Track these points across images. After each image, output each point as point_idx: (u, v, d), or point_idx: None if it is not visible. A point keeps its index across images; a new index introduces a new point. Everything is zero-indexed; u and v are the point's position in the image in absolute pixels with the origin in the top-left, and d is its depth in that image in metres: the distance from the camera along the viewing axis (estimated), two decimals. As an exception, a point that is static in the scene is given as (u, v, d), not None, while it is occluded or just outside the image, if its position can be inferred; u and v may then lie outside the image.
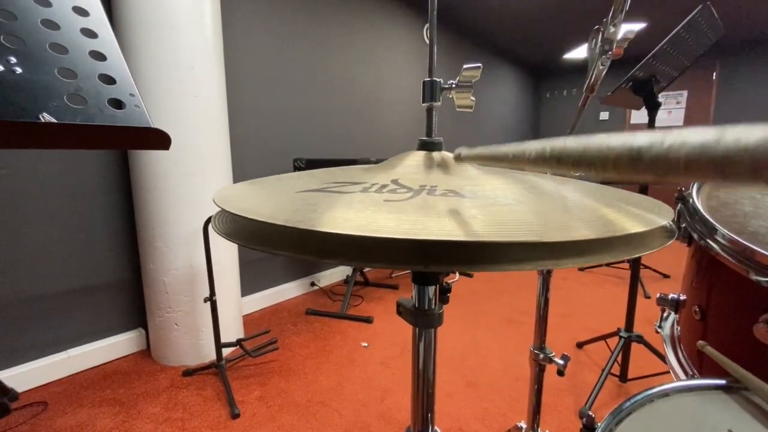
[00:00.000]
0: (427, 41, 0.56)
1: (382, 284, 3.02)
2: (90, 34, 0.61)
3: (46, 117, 0.51)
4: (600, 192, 0.46)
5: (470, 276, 3.21)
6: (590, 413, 0.45)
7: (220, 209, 0.35)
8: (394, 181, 0.37)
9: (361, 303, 2.68)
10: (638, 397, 0.46)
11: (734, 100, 4.99)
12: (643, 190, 1.67)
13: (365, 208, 0.28)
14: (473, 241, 0.25)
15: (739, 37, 4.76)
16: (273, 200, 0.33)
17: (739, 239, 0.54)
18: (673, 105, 5.40)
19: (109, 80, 0.60)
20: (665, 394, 0.47)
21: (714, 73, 5.07)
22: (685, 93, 5.32)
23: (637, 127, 5.76)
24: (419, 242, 0.31)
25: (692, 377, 0.64)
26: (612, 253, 0.33)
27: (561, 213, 0.36)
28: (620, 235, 0.31)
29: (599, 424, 0.42)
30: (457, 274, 3.19)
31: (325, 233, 0.25)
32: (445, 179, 0.40)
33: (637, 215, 0.33)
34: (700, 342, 0.56)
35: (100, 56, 0.62)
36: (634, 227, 0.31)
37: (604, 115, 6.03)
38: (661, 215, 0.34)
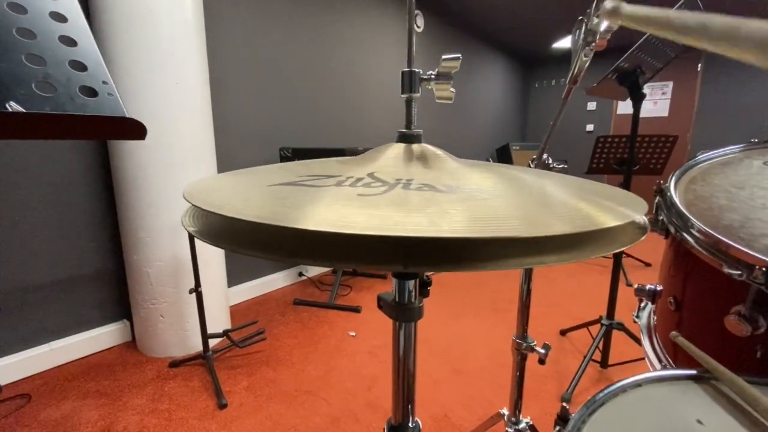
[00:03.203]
0: (417, 29, 0.55)
1: (370, 274, 3.03)
2: (59, 18, 0.57)
3: (14, 106, 0.48)
4: (576, 185, 0.46)
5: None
6: (565, 405, 0.46)
7: (190, 204, 0.34)
8: (371, 175, 0.36)
9: (349, 293, 2.69)
10: (611, 387, 0.48)
11: (717, 92, 5.07)
12: (626, 185, 1.70)
13: (335, 202, 0.28)
14: (446, 237, 0.25)
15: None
16: (244, 195, 0.32)
17: (713, 233, 0.55)
18: (659, 96, 5.47)
19: (80, 67, 0.57)
20: (638, 385, 0.48)
21: (699, 66, 5.13)
22: (670, 84, 5.38)
23: (623, 118, 5.82)
24: (397, 240, 0.31)
25: (666, 366, 0.66)
26: (587, 250, 0.33)
27: (539, 207, 0.35)
28: (595, 229, 0.31)
29: (573, 415, 0.44)
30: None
31: (293, 230, 0.24)
32: (423, 173, 0.39)
33: (610, 208, 0.34)
34: (673, 333, 0.58)
35: (70, 41, 0.58)
36: (610, 221, 0.31)
37: (592, 106, 6.07)
38: (635, 209, 0.34)
